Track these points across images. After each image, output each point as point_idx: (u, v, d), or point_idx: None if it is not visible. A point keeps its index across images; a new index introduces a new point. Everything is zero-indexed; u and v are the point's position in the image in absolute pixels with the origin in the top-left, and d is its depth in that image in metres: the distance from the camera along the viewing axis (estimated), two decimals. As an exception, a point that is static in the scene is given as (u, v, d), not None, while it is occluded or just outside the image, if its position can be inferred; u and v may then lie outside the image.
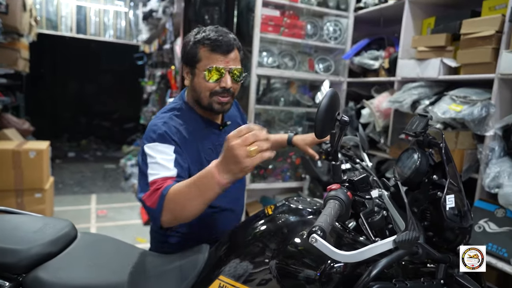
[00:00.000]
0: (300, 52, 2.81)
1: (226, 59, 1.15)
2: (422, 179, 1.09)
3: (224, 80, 1.15)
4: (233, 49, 1.17)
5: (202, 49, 1.15)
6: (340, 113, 0.76)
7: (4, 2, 3.88)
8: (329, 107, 0.74)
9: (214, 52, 1.14)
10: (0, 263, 0.94)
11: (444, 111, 1.84)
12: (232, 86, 1.18)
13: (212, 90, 1.17)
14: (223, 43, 1.13)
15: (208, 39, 1.14)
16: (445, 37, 2.03)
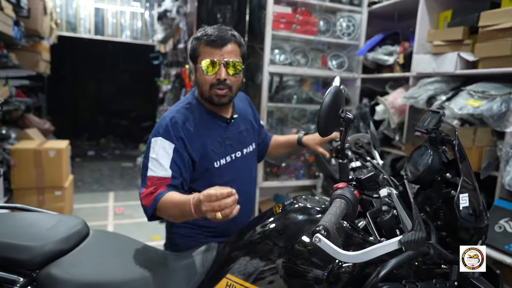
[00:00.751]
0: (313, 49, 2.78)
1: (221, 52, 1.20)
2: (435, 178, 1.06)
3: (219, 72, 1.21)
4: (229, 42, 1.21)
5: (201, 45, 1.22)
6: (344, 110, 0.75)
7: (26, 6, 4.01)
8: (332, 104, 0.72)
9: (210, 46, 1.20)
10: (15, 259, 0.97)
11: (461, 106, 1.79)
12: (227, 78, 1.22)
13: (210, 83, 1.23)
14: (218, 38, 1.19)
15: (205, 35, 1.21)
16: (462, 30, 1.97)
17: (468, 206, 0.97)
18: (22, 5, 3.80)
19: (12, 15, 3.41)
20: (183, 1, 3.64)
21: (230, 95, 1.27)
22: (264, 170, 2.71)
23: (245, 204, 1.37)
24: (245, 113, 1.45)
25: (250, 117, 1.48)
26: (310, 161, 2.83)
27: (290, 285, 0.94)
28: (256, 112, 1.56)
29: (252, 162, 1.46)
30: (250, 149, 1.42)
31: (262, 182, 2.68)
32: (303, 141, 1.53)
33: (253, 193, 1.49)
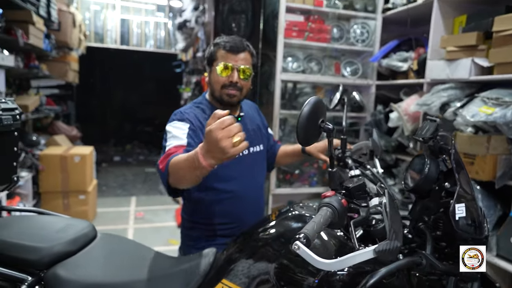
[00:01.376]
0: (326, 56, 2.79)
1: (236, 58, 1.34)
2: (432, 187, 1.05)
3: (232, 75, 1.33)
4: (243, 50, 1.36)
5: (219, 50, 1.35)
6: (324, 121, 0.76)
7: (56, 20, 4.25)
8: (311, 114, 0.74)
9: (227, 52, 1.34)
10: (25, 259, 1.05)
11: (473, 114, 1.74)
12: (239, 81, 1.35)
13: (222, 84, 1.35)
14: (234, 45, 1.34)
15: (224, 42, 1.36)
16: (476, 35, 1.92)
17: (466, 217, 0.95)
18: (53, 19, 4.04)
19: (43, 28, 3.63)
20: (201, 12, 3.74)
21: (239, 97, 1.39)
22: (277, 177, 2.72)
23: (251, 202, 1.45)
24: (253, 117, 1.54)
25: (258, 122, 1.57)
26: (324, 168, 2.82)
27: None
28: (265, 120, 1.64)
29: (260, 163, 1.52)
30: (257, 149, 1.49)
31: (275, 189, 2.69)
32: (307, 150, 1.56)
33: (261, 195, 1.54)
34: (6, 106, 1.21)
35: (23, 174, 3.28)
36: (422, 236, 1.02)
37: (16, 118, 1.25)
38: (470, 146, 1.81)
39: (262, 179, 1.53)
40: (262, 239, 1.06)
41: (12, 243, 1.07)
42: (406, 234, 1.02)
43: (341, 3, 2.70)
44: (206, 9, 3.62)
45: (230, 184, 1.39)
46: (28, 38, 3.15)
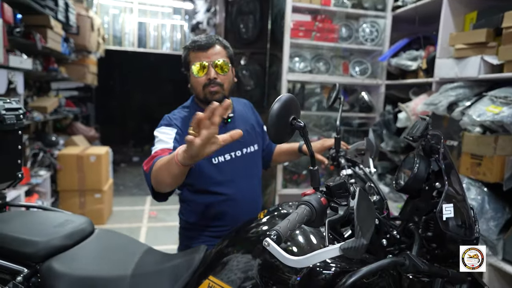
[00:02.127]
0: (334, 56, 2.76)
1: (207, 55, 1.30)
2: (422, 187, 1.03)
3: (208, 72, 1.30)
4: (214, 45, 1.31)
5: (190, 52, 1.33)
6: (296, 118, 0.76)
7: (74, 24, 4.41)
8: (281, 112, 0.74)
9: (197, 51, 1.30)
10: (22, 252, 1.09)
11: (480, 113, 1.68)
12: (218, 77, 1.31)
13: (202, 84, 1.32)
14: (202, 42, 1.30)
15: (191, 43, 1.33)
16: (485, 32, 1.86)
17: (455, 217, 0.93)
18: (71, 24, 4.19)
19: (61, 33, 3.77)
20: (213, 13, 3.79)
21: (223, 92, 1.35)
22: (284, 177, 2.72)
23: (247, 204, 1.43)
24: (246, 116, 1.51)
25: (252, 121, 1.53)
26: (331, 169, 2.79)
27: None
28: (260, 118, 1.60)
29: (254, 163, 1.50)
30: (252, 150, 1.46)
31: (281, 189, 2.69)
32: (303, 149, 1.54)
33: (258, 196, 1.52)
34: (10, 106, 1.27)
35: (42, 172, 3.41)
36: (412, 236, 1.00)
37: (19, 117, 1.31)
38: (477, 147, 1.75)
39: (257, 180, 1.51)
40: (248, 237, 1.07)
41: (11, 236, 1.12)
42: (395, 235, 1.00)
43: (350, 2, 2.67)
44: (217, 11, 3.66)
45: (225, 187, 1.37)
46: (46, 42, 3.28)
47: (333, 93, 1.41)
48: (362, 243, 0.66)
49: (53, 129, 4.64)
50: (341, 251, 0.66)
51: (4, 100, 1.26)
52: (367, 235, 0.67)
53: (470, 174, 1.82)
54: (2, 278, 1.09)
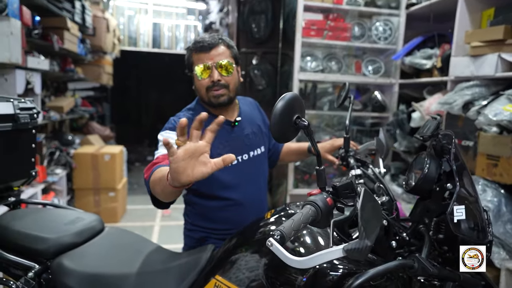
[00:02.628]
0: (347, 55, 2.73)
1: (210, 56, 1.26)
2: (433, 187, 1.00)
3: (212, 74, 1.26)
4: (217, 45, 1.27)
5: (192, 53, 1.29)
6: (300, 117, 0.75)
7: (91, 26, 4.49)
8: (285, 111, 0.73)
9: (200, 52, 1.27)
10: (34, 248, 1.12)
11: (496, 112, 1.63)
12: (222, 78, 1.27)
13: (206, 86, 1.28)
14: (205, 42, 1.26)
15: (193, 43, 1.29)
16: (503, 29, 1.79)
17: (466, 220, 0.90)
18: (88, 25, 4.27)
19: (78, 34, 3.85)
20: (225, 13, 3.80)
21: (228, 94, 1.31)
22: (295, 177, 2.70)
23: (253, 208, 1.41)
24: (252, 117, 1.47)
25: (259, 121, 1.50)
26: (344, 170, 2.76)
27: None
28: (266, 117, 1.56)
29: (261, 166, 1.47)
30: (258, 152, 1.42)
31: (292, 189, 2.68)
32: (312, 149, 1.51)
33: (264, 198, 1.50)
34: (24, 105, 1.31)
35: (58, 171, 3.49)
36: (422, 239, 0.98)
37: (33, 116, 1.34)
38: (493, 147, 1.70)
39: (264, 182, 1.48)
40: (255, 237, 1.06)
41: (24, 233, 1.15)
42: (404, 237, 0.98)
43: (363, 0, 2.63)
44: (229, 11, 3.67)
45: (231, 192, 1.34)
46: (63, 43, 3.35)
47: (343, 92, 1.39)
48: (366, 244, 0.64)
49: (69, 129, 4.74)
50: (345, 252, 0.64)
51: (19, 100, 1.30)
52: (371, 237, 0.66)
53: (486, 175, 1.76)
54: (14, 273, 1.12)
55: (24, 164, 1.33)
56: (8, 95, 1.59)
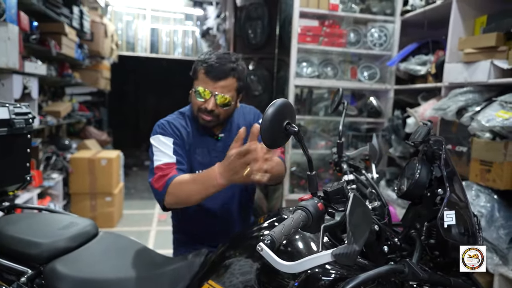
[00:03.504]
0: (343, 61, 2.75)
1: (214, 85, 1.24)
2: (424, 193, 1.01)
3: (208, 102, 1.26)
4: (226, 78, 1.23)
5: (200, 69, 1.26)
6: (290, 123, 0.76)
7: (88, 31, 4.51)
8: (275, 117, 0.74)
9: (207, 76, 1.24)
10: (27, 253, 1.12)
11: (489, 118, 1.65)
12: (216, 109, 1.27)
13: (198, 107, 1.29)
14: (216, 70, 1.22)
15: (206, 62, 1.24)
16: (495, 36, 1.82)
17: (457, 225, 0.91)
18: (85, 30, 4.29)
19: (76, 39, 3.86)
20: (222, 19, 3.83)
21: (217, 121, 1.32)
22: (291, 183, 2.71)
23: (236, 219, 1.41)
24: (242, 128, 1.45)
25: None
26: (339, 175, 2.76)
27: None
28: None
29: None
30: None
31: (288, 194, 2.68)
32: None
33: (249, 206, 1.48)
34: (19, 110, 1.31)
35: (54, 175, 3.48)
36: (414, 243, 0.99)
37: (28, 121, 1.34)
38: (486, 153, 1.71)
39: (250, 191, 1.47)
40: (247, 242, 1.07)
41: (17, 237, 1.15)
42: (396, 242, 0.99)
43: (358, 7, 2.66)
44: (227, 17, 3.70)
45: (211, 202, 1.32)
46: (60, 48, 3.36)
47: (336, 98, 1.40)
48: (354, 249, 0.65)
49: (66, 133, 4.74)
50: (333, 257, 0.65)
51: (14, 105, 1.30)
52: (359, 242, 0.67)
53: (480, 180, 1.78)
54: (7, 278, 1.12)
55: (19, 168, 1.33)
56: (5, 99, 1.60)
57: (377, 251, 0.96)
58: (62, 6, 3.44)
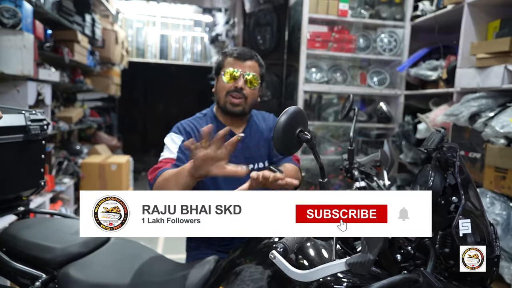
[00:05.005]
0: (352, 67, 2.75)
1: (243, 65, 1.35)
2: (438, 201, 1.00)
3: (238, 81, 1.33)
4: (251, 59, 1.36)
5: (226, 58, 1.37)
6: (303, 130, 0.76)
7: (100, 38, 4.59)
8: (287, 125, 0.74)
9: (234, 59, 1.35)
10: (41, 257, 1.13)
11: (503, 125, 1.63)
12: (244, 88, 1.34)
13: (228, 89, 1.34)
14: (242, 52, 1.36)
15: (231, 50, 1.38)
16: (509, 41, 1.80)
17: (472, 234, 0.90)
18: (97, 37, 4.36)
19: (88, 46, 3.93)
20: (231, 25, 3.86)
21: (244, 106, 1.36)
22: (301, 188, 2.69)
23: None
24: (261, 131, 1.48)
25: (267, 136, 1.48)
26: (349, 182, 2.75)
27: (276, 303, 0.95)
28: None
29: None
30: (259, 166, 1.43)
31: (298, 200, 2.66)
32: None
33: None
34: (35, 117, 1.33)
35: (66, 180, 3.52)
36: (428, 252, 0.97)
37: (43, 128, 1.37)
38: (501, 159, 1.69)
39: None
40: (259, 248, 1.07)
41: (32, 242, 1.16)
42: (409, 250, 0.97)
43: (367, 13, 2.66)
44: (235, 23, 3.73)
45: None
46: (73, 56, 3.42)
47: (347, 104, 1.40)
48: (368, 258, 0.64)
49: (77, 138, 4.80)
50: (347, 266, 0.65)
51: (30, 112, 1.32)
52: (374, 251, 0.66)
53: (494, 188, 1.75)
54: (22, 282, 1.13)
55: (33, 174, 1.35)
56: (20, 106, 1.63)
57: (390, 260, 0.94)
58: (75, 14, 3.50)
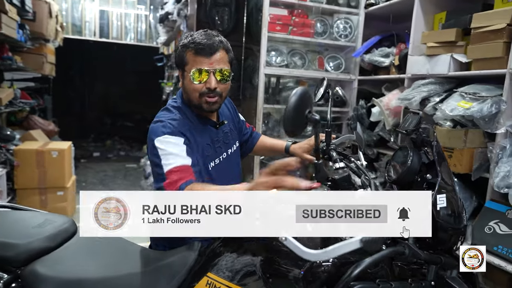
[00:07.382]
0: (310, 51, 2.80)
1: (210, 61, 1.18)
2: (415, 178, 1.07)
3: (209, 81, 1.19)
4: (218, 50, 1.20)
5: (188, 52, 1.20)
6: (311, 111, 0.76)
7: (31, 10, 4.08)
8: (298, 106, 0.74)
9: (198, 55, 1.18)
10: (1, 256, 1.00)
11: (452, 108, 1.78)
12: (218, 86, 1.21)
13: (200, 91, 1.21)
14: (206, 46, 1.17)
15: (192, 43, 1.18)
16: (455, 31, 1.96)
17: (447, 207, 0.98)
18: (27, 8, 3.88)
19: (17, 18, 3.48)
20: (183, 4, 3.68)
21: (220, 102, 1.28)
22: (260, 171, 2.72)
23: None
24: (229, 115, 1.46)
25: (234, 117, 1.49)
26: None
27: (268, 284, 0.96)
28: (236, 109, 1.54)
29: (236, 161, 1.46)
30: (234, 149, 1.42)
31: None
32: (291, 150, 1.50)
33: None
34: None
35: (-3, 169, 3.15)
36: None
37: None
38: (448, 140, 1.86)
39: (239, 175, 1.47)
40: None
41: None
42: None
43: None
44: (188, 2, 3.56)
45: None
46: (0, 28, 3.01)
47: (321, 88, 1.42)
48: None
49: (6, 123, 4.30)
50: (361, 243, 0.67)
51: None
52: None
53: (441, 165, 1.92)
54: (-21, 285, 1.00)
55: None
56: None
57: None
58: (2, -20, 3.07)
